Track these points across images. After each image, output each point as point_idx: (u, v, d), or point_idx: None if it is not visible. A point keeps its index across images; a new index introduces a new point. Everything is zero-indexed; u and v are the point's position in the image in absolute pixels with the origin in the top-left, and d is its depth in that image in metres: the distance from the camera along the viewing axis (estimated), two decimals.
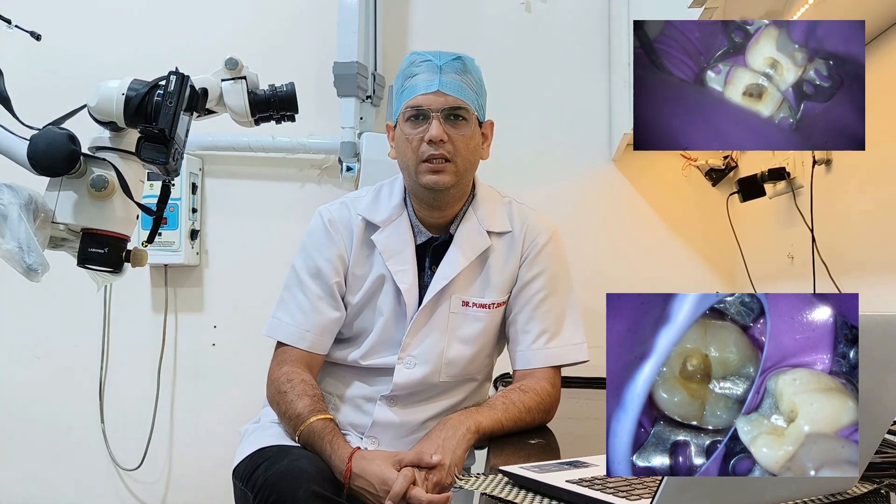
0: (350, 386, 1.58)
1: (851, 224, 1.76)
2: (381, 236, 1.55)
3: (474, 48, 2.12)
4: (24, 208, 1.07)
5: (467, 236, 1.56)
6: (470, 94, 1.50)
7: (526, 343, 1.54)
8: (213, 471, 2.65)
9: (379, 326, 1.55)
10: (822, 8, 1.42)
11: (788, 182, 2.07)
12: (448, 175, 1.48)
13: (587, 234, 2.63)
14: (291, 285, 1.57)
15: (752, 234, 2.44)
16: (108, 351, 2.74)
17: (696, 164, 2.61)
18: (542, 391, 1.49)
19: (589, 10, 2.72)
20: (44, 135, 1.10)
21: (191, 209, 2.67)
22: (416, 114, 1.48)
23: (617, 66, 2.53)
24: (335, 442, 1.34)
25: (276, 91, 1.29)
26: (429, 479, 1.27)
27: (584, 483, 0.94)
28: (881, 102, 1.55)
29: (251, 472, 1.35)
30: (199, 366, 2.74)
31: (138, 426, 2.71)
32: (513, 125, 2.61)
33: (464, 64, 1.50)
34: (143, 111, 1.11)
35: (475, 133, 1.52)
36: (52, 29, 1.84)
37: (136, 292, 2.74)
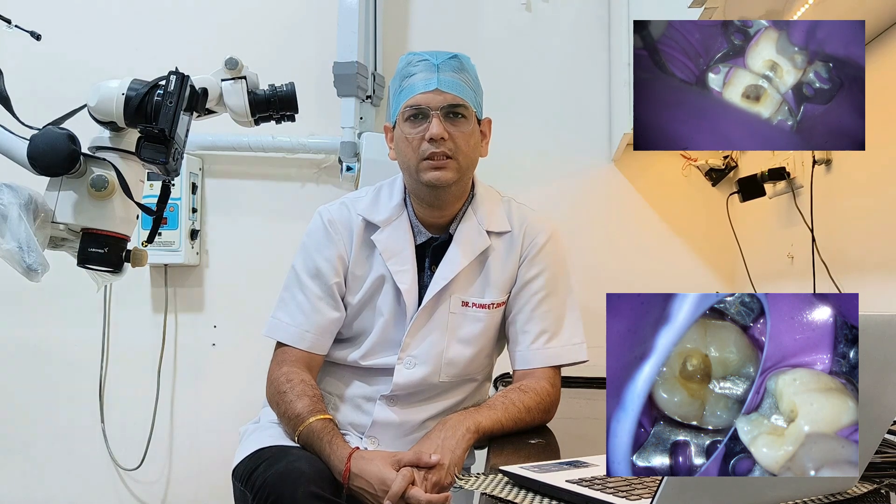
0: (350, 386, 1.58)
1: (851, 224, 1.76)
2: (380, 236, 1.55)
3: (474, 48, 2.12)
4: (24, 208, 1.07)
5: (467, 236, 1.56)
6: (468, 92, 1.50)
7: (525, 343, 1.54)
8: (213, 471, 2.66)
9: (379, 327, 1.55)
10: (822, 8, 1.42)
11: (788, 182, 2.07)
12: (450, 171, 1.48)
13: (587, 234, 2.63)
14: (291, 285, 1.57)
15: (752, 234, 2.44)
16: (108, 351, 2.74)
17: (696, 164, 2.61)
18: (542, 391, 1.49)
19: (589, 10, 2.72)
20: (44, 135, 1.10)
21: (191, 209, 2.67)
22: (416, 113, 1.48)
23: (617, 66, 2.53)
24: (334, 442, 1.34)
25: (276, 91, 1.29)
26: (428, 479, 1.26)
27: (584, 483, 0.94)
28: (881, 102, 1.55)
29: (250, 473, 1.35)
30: (199, 366, 2.74)
31: (138, 426, 2.71)
32: (513, 125, 2.61)
33: (460, 62, 1.51)
34: (143, 111, 1.11)
35: (475, 130, 1.52)
36: (53, 29, 1.84)
37: (136, 292, 2.74)
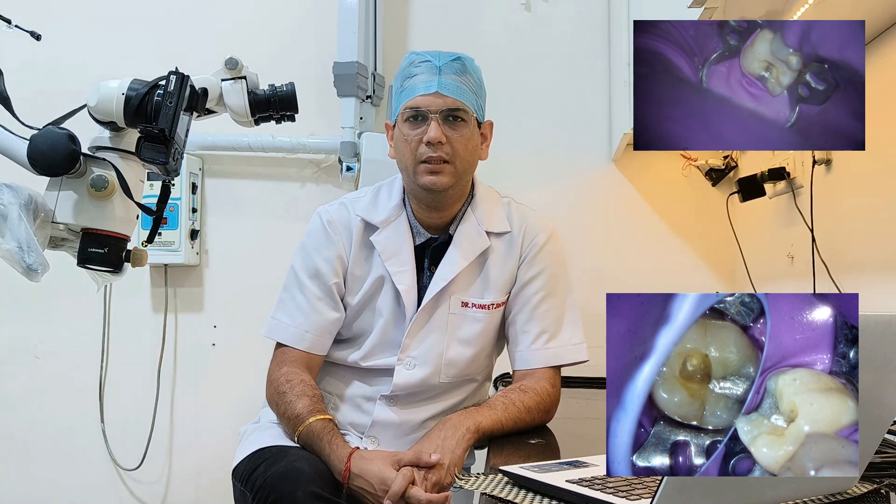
0: (350, 385, 1.58)
1: (851, 224, 1.76)
2: (379, 237, 1.55)
3: (474, 48, 2.12)
4: (24, 208, 1.07)
5: (466, 237, 1.56)
6: (469, 95, 1.49)
7: (525, 343, 1.54)
8: (213, 471, 2.66)
9: (378, 327, 1.55)
10: (822, 8, 1.42)
11: (788, 182, 2.07)
12: (446, 176, 1.48)
13: (587, 235, 2.63)
14: (290, 286, 1.57)
15: (752, 234, 2.44)
16: (108, 351, 2.74)
17: (696, 164, 2.61)
18: (542, 391, 1.49)
19: (589, 10, 2.72)
20: (44, 135, 1.10)
21: (191, 209, 2.67)
22: (415, 115, 1.48)
23: (617, 66, 2.53)
24: (334, 442, 1.34)
25: (275, 91, 1.28)
26: (428, 479, 1.27)
27: (584, 483, 0.94)
28: (881, 102, 1.55)
29: (250, 473, 1.35)
30: (199, 366, 2.74)
31: (138, 426, 2.71)
32: (513, 125, 2.61)
33: (463, 64, 1.50)
34: (143, 111, 1.11)
35: (474, 134, 1.52)
36: (53, 29, 1.84)
37: (136, 292, 2.74)
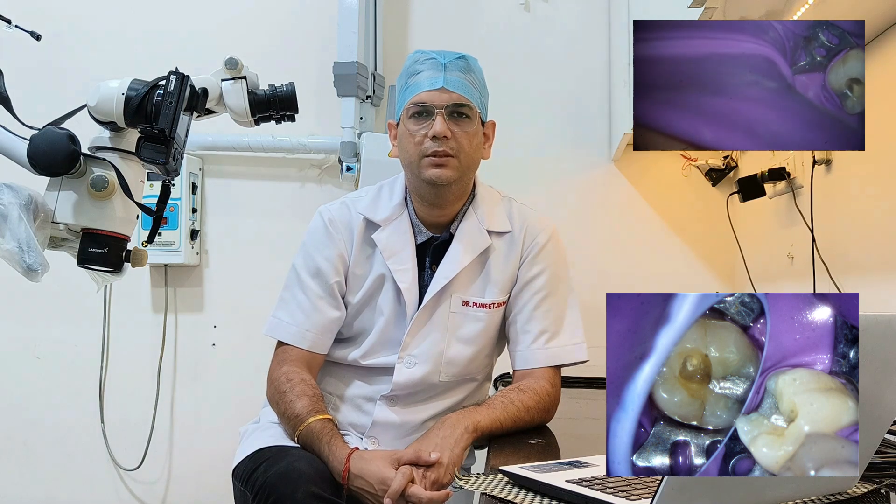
0: (350, 385, 1.58)
1: (851, 224, 1.76)
2: (381, 235, 1.55)
3: (474, 48, 2.11)
4: (24, 208, 1.07)
5: (468, 235, 1.56)
6: (473, 93, 1.50)
7: (525, 343, 1.54)
8: (213, 471, 2.66)
9: (379, 326, 1.55)
10: (822, 8, 1.42)
11: (788, 182, 2.07)
12: (451, 170, 1.48)
13: (587, 234, 2.63)
14: (292, 285, 1.57)
15: (752, 234, 2.45)
16: (108, 351, 2.74)
17: (696, 164, 2.61)
18: (542, 391, 1.49)
19: (589, 10, 2.72)
20: (44, 135, 1.10)
21: (191, 209, 2.67)
22: (421, 110, 1.48)
23: (617, 66, 2.53)
24: (333, 443, 1.34)
25: (275, 91, 1.29)
26: (427, 477, 1.27)
27: (584, 483, 0.94)
28: (881, 102, 1.55)
29: (250, 473, 1.35)
30: (199, 366, 2.75)
31: (138, 426, 2.71)
32: (513, 125, 2.61)
33: (467, 63, 1.51)
34: (143, 111, 1.11)
35: (478, 131, 1.53)
36: (52, 29, 1.84)
37: (136, 292, 2.74)
